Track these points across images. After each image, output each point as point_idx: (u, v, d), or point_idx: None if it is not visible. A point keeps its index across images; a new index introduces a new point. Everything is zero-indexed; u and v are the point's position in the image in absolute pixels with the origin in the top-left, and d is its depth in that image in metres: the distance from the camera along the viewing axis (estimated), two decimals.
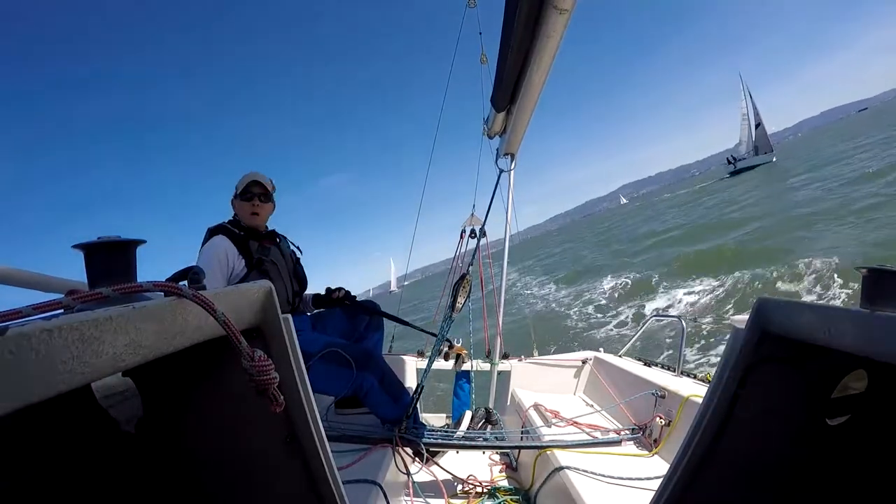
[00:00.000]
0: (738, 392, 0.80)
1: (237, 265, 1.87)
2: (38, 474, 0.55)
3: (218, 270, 1.82)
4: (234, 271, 1.86)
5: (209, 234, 1.93)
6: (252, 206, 1.97)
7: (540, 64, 1.80)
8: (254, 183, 1.98)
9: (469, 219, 3.02)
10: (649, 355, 4.02)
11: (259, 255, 1.92)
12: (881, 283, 0.59)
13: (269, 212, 2.05)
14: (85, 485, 0.59)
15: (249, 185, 1.98)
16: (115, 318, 0.39)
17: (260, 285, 0.63)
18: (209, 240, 1.90)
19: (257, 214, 2.00)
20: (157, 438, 0.64)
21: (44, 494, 0.55)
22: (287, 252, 2.13)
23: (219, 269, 1.82)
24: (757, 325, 0.76)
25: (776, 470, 0.78)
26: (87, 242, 0.50)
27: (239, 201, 1.99)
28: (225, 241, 1.88)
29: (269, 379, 0.53)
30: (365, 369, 1.88)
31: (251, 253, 1.91)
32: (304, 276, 2.20)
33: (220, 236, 1.89)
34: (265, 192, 2.01)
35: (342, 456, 1.67)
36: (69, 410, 0.57)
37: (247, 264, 1.88)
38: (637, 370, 2.36)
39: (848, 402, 0.68)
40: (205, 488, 0.69)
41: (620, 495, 1.49)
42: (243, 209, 1.98)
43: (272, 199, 2.05)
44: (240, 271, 1.87)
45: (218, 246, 1.85)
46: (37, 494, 0.54)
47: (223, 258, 1.84)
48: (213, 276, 1.80)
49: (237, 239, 1.91)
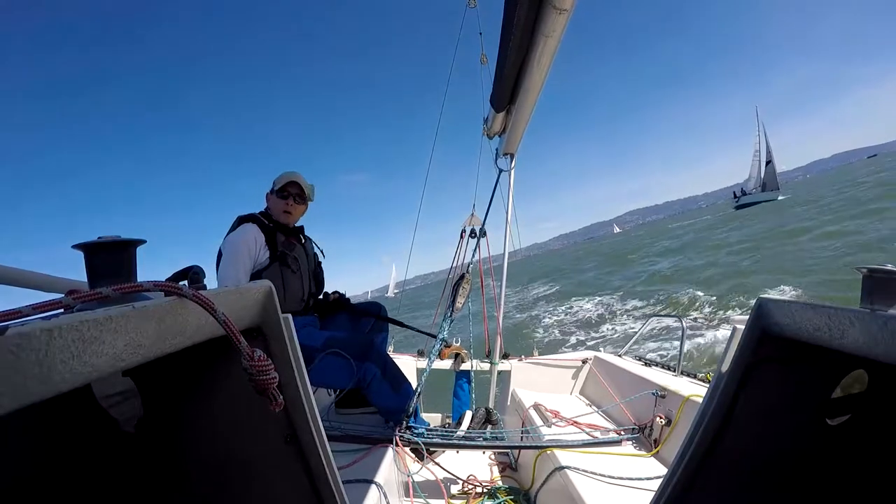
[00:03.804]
0: (738, 392, 0.80)
1: (262, 255, 1.91)
2: (38, 474, 0.55)
3: (246, 255, 1.86)
4: (258, 260, 1.91)
5: (239, 222, 1.97)
6: (286, 204, 2.03)
7: (539, 64, 1.80)
8: (292, 183, 2.04)
9: (469, 218, 3.02)
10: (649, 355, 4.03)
11: (284, 249, 1.97)
12: (881, 283, 0.59)
13: (301, 213, 2.11)
14: (85, 484, 0.59)
15: (288, 185, 2.03)
16: (115, 318, 0.39)
17: (260, 285, 0.63)
18: (239, 226, 1.94)
19: (290, 213, 2.05)
20: (157, 438, 0.64)
21: (44, 494, 0.55)
22: (311, 252, 2.17)
23: (247, 254, 1.86)
24: (757, 326, 0.76)
25: (776, 470, 0.77)
26: (88, 242, 0.50)
27: (275, 197, 2.04)
28: (255, 228, 1.92)
29: (269, 379, 0.53)
30: (367, 359, 1.91)
31: (276, 246, 1.95)
32: (322, 279, 2.24)
33: (250, 224, 1.94)
34: (301, 193, 2.06)
35: (342, 456, 1.67)
36: (69, 410, 0.57)
37: (270, 256, 1.93)
38: (637, 370, 2.36)
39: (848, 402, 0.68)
40: (205, 488, 0.69)
41: (620, 495, 1.49)
42: (277, 205, 2.04)
43: (306, 203, 2.11)
44: (263, 261, 1.92)
45: (248, 232, 1.90)
46: (37, 494, 0.54)
47: (252, 245, 1.88)
48: (241, 261, 1.84)
49: (266, 230, 1.95)
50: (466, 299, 2.46)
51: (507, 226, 3.01)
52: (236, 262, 1.83)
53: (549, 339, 10.24)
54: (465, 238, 2.97)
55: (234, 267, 1.81)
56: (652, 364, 2.53)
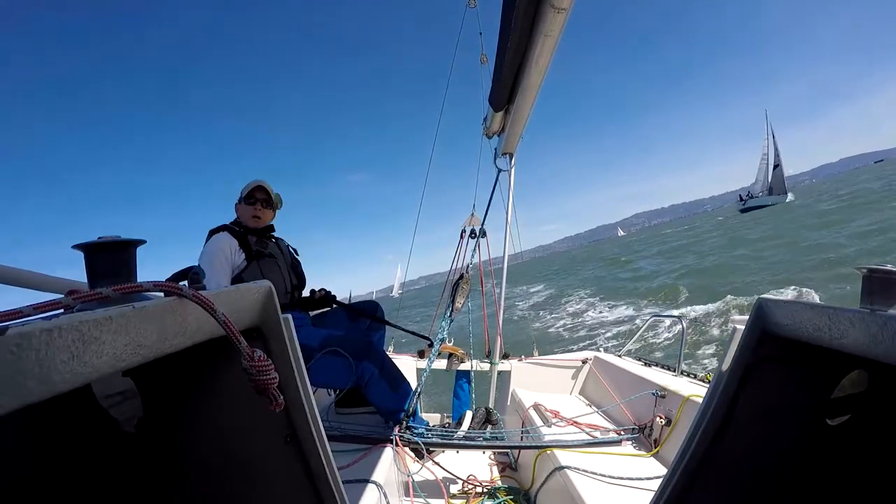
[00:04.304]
0: (738, 392, 0.80)
1: (238, 258, 1.97)
2: (38, 474, 0.55)
3: (225, 262, 1.92)
4: (235, 263, 1.96)
5: (211, 234, 2.03)
6: (254, 209, 2.08)
7: (538, 63, 1.80)
8: (258, 188, 2.10)
9: (469, 218, 3.02)
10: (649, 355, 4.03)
11: (258, 247, 2.02)
12: (881, 283, 0.59)
13: (269, 218, 2.16)
14: (85, 484, 0.59)
15: (254, 191, 2.09)
16: (116, 318, 0.39)
17: (260, 285, 0.63)
18: (211, 238, 2.00)
19: (258, 218, 2.10)
20: (157, 438, 0.64)
21: (44, 494, 0.55)
22: (285, 248, 2.22)
23: (225, 262, 1.92)
24: (757, 326, 0.76)
25: (776, 470, 0.77)
26: (88, 242, 0.50)
27: (242, 205, 2.10)
28: (226, 236, 1.99)
29: (269, 379, 0.53)
30: (365, 358, 1.93)
31: (250, 247, 2.00)
32: (302, 273, 2.27)
33: (222, 233, 2.00)
34: (268, 198, 2.11)
35: (342, 456, 1.67)
36: (69, 410, 0.57)
37: (246, 257, 1.98)
38: (637, 370, 2.36)
39: (848, 402, 0.68)
40: (205, 488, 0.69)
41: (620, 495, 1.49)
42: (246, 212, 2.09)
43: (273, 207, 2.15)
44: (241, 263, 1.97)
45: (222, 241, 1.96)
46: (37, 494, 0.54)
47: (227, 251, 1.94)
48: (221, 269, 1.90)
49: (237, 235, 2.01)
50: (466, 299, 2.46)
51: (507, 225, 3.01)
52: (216, 269, 1.88)
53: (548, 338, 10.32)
54: (464, 238, 2.97)
55: (215, 275, 1.87)
56: (652, 364, 2.53)
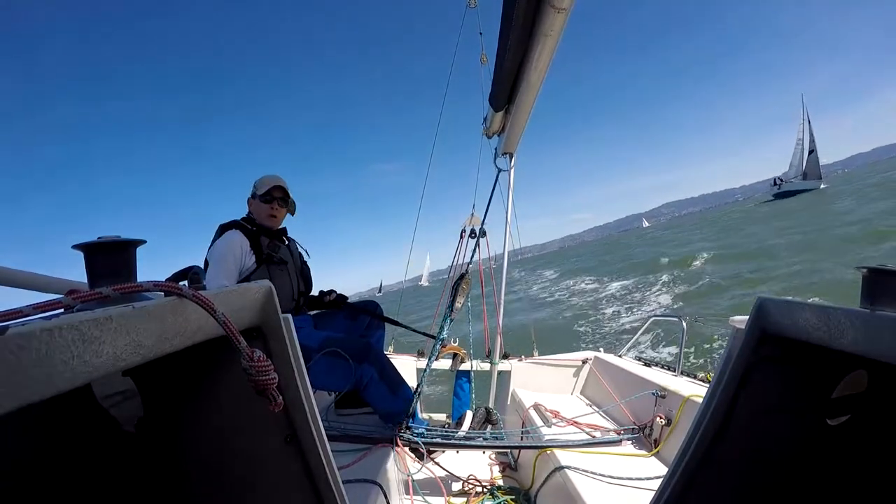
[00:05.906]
0: (738, 392, 0.80)
1: (248, 260, 1.93)
2: (38, 474, 0.55)
3: (232, 263, 1.87)
4: (245, 265, 1.92)
5: (222, 230, 1.98)
6: (271, 208, 2.04)
7: (538, 63, 1.80)
8: (277, 187, 2.04)
9: (469, 218, 3.02)
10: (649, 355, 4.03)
11: (269, 251, 1.98)
12: (881, 283, 0.59)
13: (284, 216, 2.12)
14: (85, 484, 0.59)
15: (272, 189, 2.04)
16: (116, 318, 0.39)
17: (260, 285, 0.63)
18: (222, 234, 1.95)
19: (274, 217, 2.06)
20: (157, 438, 0.64)
21: (44, 494, 0.55)
22: (296, 252, 2.19)
23: (233, 262, 1.87)
24: (757, 325, 0.76)
25: (776, 470, 0.78)
26: (88, 242, 0.50)
27: (257, 202, 2.04)
28: (239, 235, 1.93)
29: (269, 379, 0.53)
30: (365, 361, 1.91)
31: (262, 249, 1.96)
32: (309, 277, 2.25)
33: (234, 231, 1.94)
34: (285, 196, 2.07)
35: (342, 456, 1.67)
36: (69, 410, 0.57)
37: (257, 260, 1.94)
38: (637, 370, 2.36)
39: (848, 402, 0.68)
40: (205, 488, 0.69)
41: (620, 495, 1.49)
42: (261, 210, 2.04)
43: (289, 206, 2.12)
44: (250, 265, 1.93)
45: (233, 240, 1.91)
46: (37, 494, 0.54)
47: (237, 252, 1.90)
48: (228, 269, 1.85)
49: (250, 234, 1.96)
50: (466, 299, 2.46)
51: (507, 225, 3.01)
52: (223, 270, 1.84)
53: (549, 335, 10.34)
54: (464, 238, 2.97)
55: (221, 276, 1.83)
56: (652, 364, 2.53)
